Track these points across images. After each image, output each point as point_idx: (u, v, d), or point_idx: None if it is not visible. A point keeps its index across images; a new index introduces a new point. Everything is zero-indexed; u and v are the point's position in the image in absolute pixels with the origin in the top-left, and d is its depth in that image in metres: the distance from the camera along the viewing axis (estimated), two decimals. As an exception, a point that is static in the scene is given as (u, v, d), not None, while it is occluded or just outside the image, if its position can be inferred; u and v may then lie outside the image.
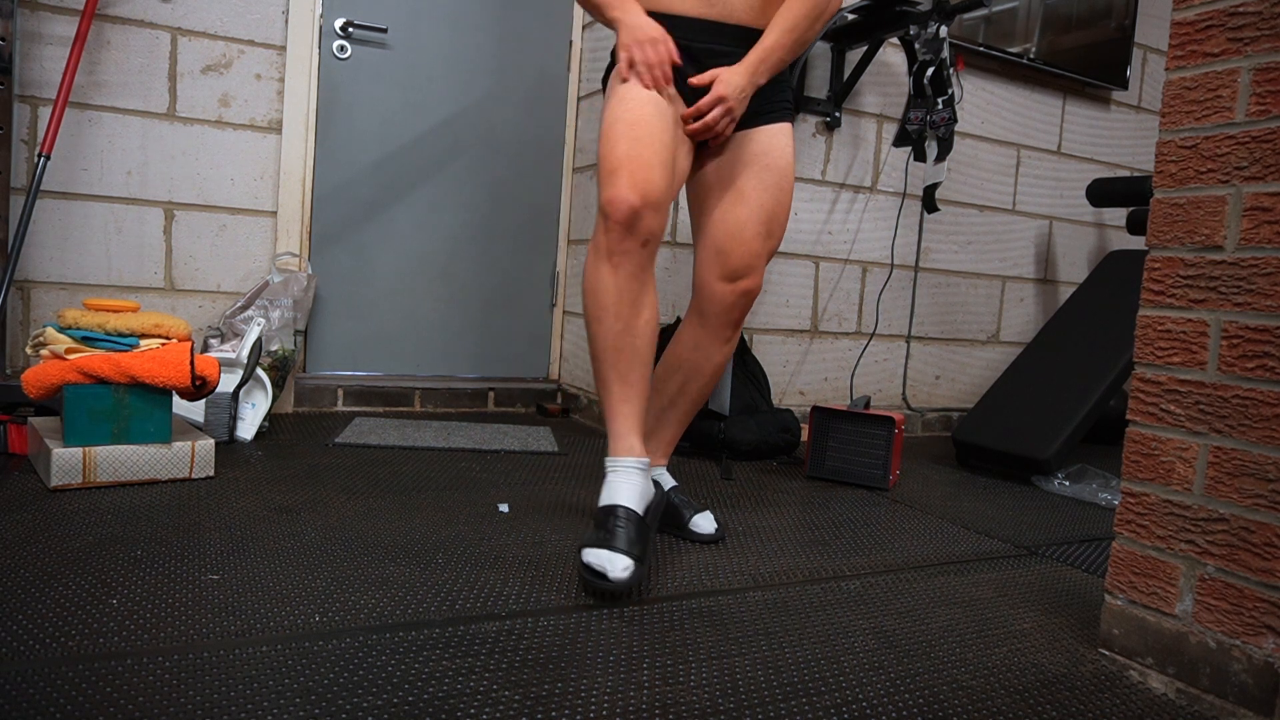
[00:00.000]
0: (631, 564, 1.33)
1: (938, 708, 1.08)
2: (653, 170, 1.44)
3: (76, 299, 2.50)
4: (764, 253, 1.61)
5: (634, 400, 1.48)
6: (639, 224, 1.42)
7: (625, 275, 1.44)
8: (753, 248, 1.60)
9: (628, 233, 1.42)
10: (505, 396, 3.09)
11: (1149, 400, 1.23)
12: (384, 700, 0.99)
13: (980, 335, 3.37)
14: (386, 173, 2.95)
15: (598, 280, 1.46)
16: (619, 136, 1.46)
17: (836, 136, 2.93)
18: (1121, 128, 3.60)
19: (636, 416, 1.49)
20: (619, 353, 1.46)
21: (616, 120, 1.49)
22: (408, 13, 2.91)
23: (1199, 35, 1.19)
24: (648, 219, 1.43)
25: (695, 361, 1.66)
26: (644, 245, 1.44)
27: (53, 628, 1.10)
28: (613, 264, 1.44)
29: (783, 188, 1.62)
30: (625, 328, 1.46)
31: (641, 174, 1.43)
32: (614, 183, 1.43)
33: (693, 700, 1.05)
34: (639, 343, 1.47)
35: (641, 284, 1.46)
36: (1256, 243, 1.12)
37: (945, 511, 2.10)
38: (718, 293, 1.61)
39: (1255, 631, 1.09)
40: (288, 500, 1.75)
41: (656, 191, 1.44)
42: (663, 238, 1.47)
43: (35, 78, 2.39)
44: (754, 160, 1.61)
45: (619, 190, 1.42)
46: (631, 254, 1.43)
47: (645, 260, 1.45)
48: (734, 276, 1.60)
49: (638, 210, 1.41)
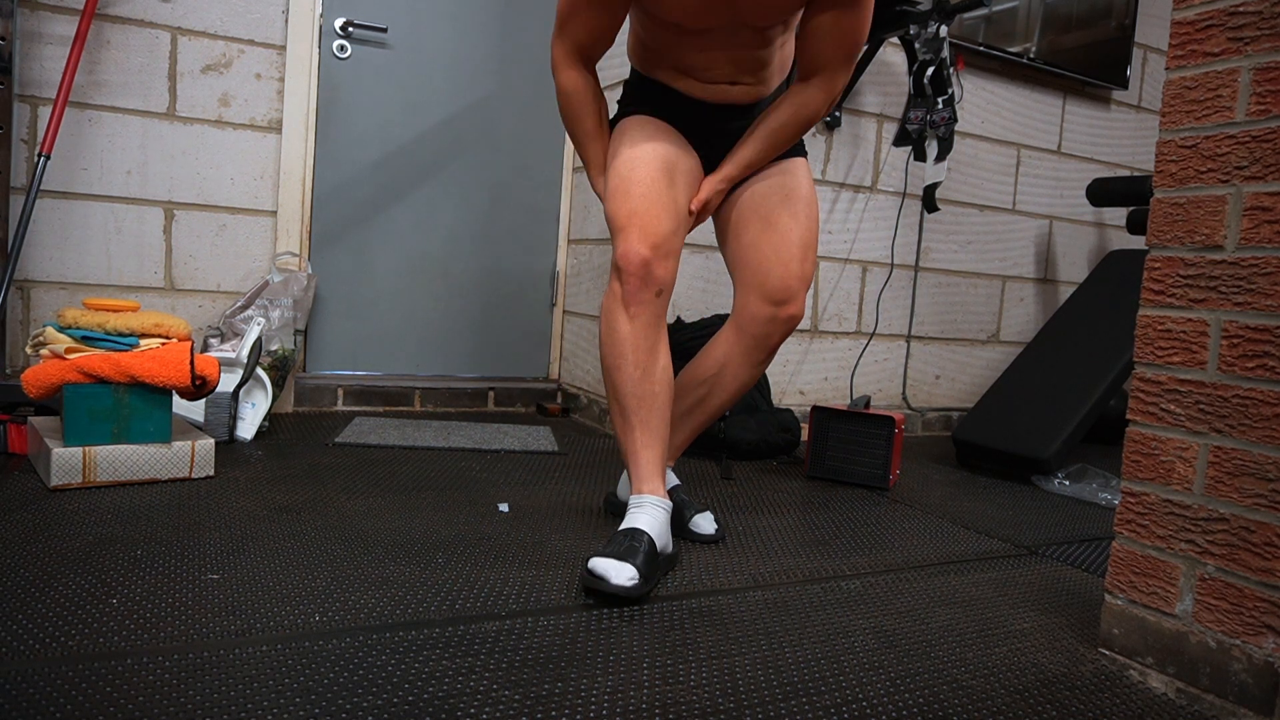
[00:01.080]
0: (638, 577, 1.33)
1: (938, 707, 1.08)
2: (661, 222, 1.52)
3: (76, 299, 2.50)
4: (803, 276, 1.64)
5: (655, 446, 1.52)
6: (652, 274, 1.50)
7: (641, 324, 1.51)
8: (792, 270, 1.62)
9: (643, 284, 1.50)
10: (505, 396, 3.09)
11: (1149, 400, 1.23)
12: (384, 700, 0.99)
13: (980, 335, 3.37)
14: (386, 172, 2.95)
15: (615, 329, 1.52)
16: (626, 194, 1.54)
17: (836, 136, 2.93)
18: (1121, 127, 3.60)
19: (659, 461, 1.53)
20: (640, 400, 1.52)
21: (623, 179, 1.56)
22: (408, 13, 2.91)
23: (1199, 35, 1.19)
24: (659, 269, 1.50)
25: (722, 379, 1.68)
26: (658, 295, 1.52)
27: (53, 627, 1.10)
28: (629, 314, 1.50)
29: (811, 215, 1.67)
30: (644, 375, 1.51)
31: (651, 226, 1.51)
32: (626, 237, 1.50)
33: (693, 700, 1.05)
34: (658, 389, 1.53)
35: (657, 332, 1.53)
36: (1256, 242, 1.12)
37: (945, 511, 2.10)
38: (761, 315, 1.63)
39: (1255, 631, 1.09)
40: (288, 500, 1.75)
41: (666, 241, 1.52)
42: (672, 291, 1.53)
43: (35, 77, 2.39)
44: (779, 191, 1.66)
45: (631, 244, 1.50)
46: (648, 304, 1.51)
47: (660, 310, 1.53)
48: (777, 300, 1.63)
49: (649, 261, 1.49)
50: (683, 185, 1.59)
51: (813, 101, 1.58)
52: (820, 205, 2.92)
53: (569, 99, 1.61)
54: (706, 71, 1.60)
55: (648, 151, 1.57)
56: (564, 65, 1.59)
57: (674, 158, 1.59)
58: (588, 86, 1.62)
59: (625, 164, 1.57)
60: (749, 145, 1.62)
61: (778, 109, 1.60)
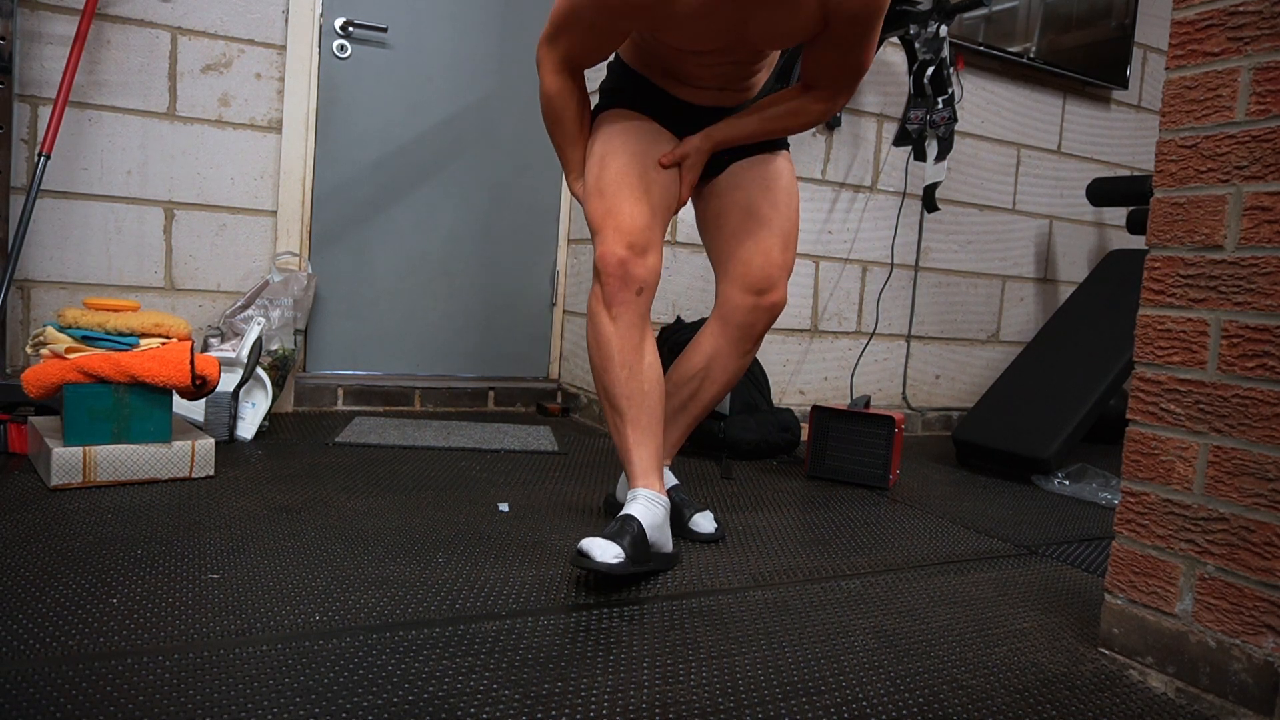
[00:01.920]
0: (623, 556, 1.33)
1: (937, 707, 1.08)
2: (635, 216, 1.52)
3: (76, 298, 2.50)
4: (785, 265, 1.66)
5: (649, 443, 1.53)
6: (631, 274, 1.50)
7: (625, 324, 1.51)
8: (773, 259, 1.64)
9: (623, 284, 1.50)
10: (505, 396, 3.09)
11: (1149, 399, 1.23)
12: (384, 700, 0.99)
13: (980, 335, 3.37)
14: (386, 172, 2.95)
15: (600, 331, 1.52)
16: (600, 193, 1.54)
17: (836, 136, 2.93)
18: (1121, 127, 3.60)
19: (654, 458, 1.53)
20: (629, 399, 1.52)
21: (597, 177, 1.56)
22: (408, 12, 2.91)
23: (1199, 35, 1.19)
24: (636, 268, 1.51)
25: (711, 371, 1.69)
26: (639, 294, 1.52)
27: (53, 627, 1.10)
28: (612, 315, 1.51)
29: (792, 206, 1.68)
30: (631, 374, 1.52)
31: (625, 223, 1.51)
32: (602, 238, 1.51)
33: (693, 700, 1.05)
34: (647, 386, 1.53)
35: (641, 331, 1.53)
36: (1256, 242, 1.12)
37: (945, 511, 2.10)
38: (744, 305, 1.64)
39: (1255, 631, 1.09)
40: (288, 499, 1.75)
41: (642, 235, 1.52)
42: (656, 285, 1.54)
43: (35, 77, 2.39)
44: (761, 182, 1.67)
45: (608, 245, 1.50)
46: (629, 303, 1.51)
47: (643, 308, 1.53)
48: (759, 289, 1.64)
49: (625, 261, 1.50)
50: (657, 175, 1.59)
51: (811, 110, 1.59)
52: (820, 205, 2.93)
53: (551, 101, 1.59)
54: (699, 80, 1.60)
55: (620, 146, 1.57)
56: (550, 70, 1.56)
57: (649, 149, 1.59)
58: (572, 91, 1.58)
59: (598, 162, 1.57)
60: (740, 118, 1.61)
61: (777, 102, 1.60)
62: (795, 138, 2.84)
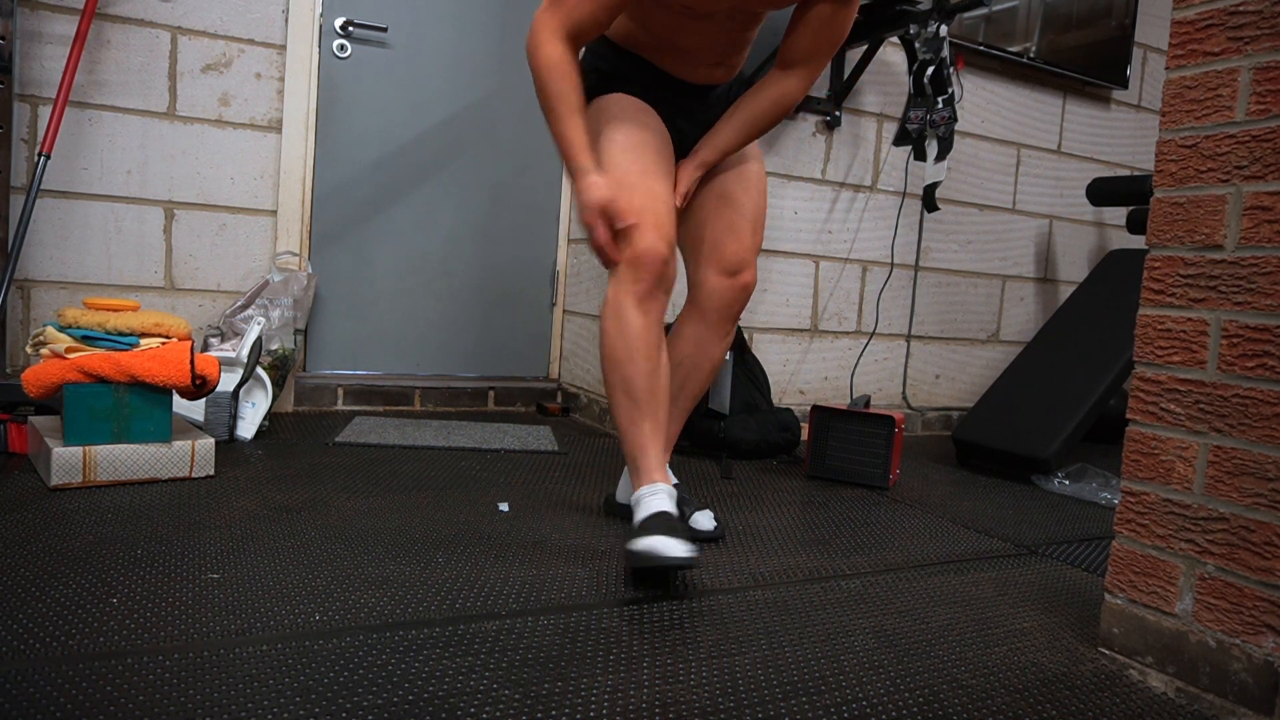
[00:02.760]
0: (692, 545, 1.34)
1: (937, 707, 1.08)
2: (670, 218, 1.52)
3: (76, 298, 2.50)
4: (755, 247, 1.70)
5: (662, 439, 1.55)
6: (667, 274, 1.51)
7: (653, 321, 1.52)
8: (745, 242, 1.67)
9: (658, 282, 1.50)
10: (505, 395, 3.09)
11: (1149, 399, 1.23)
12: (384, 699, 0.99)
13: (980, 334, 3.37)
14: (386, 172, 2.95)
15: (628, 325, 1.50)
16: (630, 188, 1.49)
17: (836, 136, 2.93)
18: (1121, 127, 3.60)
19: (665, 455, 1.56)
20: (651, 394, 1.52)
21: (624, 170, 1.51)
22: (408, 12, 2.91)
23: (1199, 34, 1.19)
24: (672, 267, 1.51)
25: (695, 358, 1.70)
26: (667, 293, 1.53)
27: (53, 627, 1.10)
28: (643, 310, 1.50)
29: (761, 190, 1.72)
30: (653, 369, 1.52)
31: (664, 221, 1.50)
32: (642, 235, 1.47)
33: (693, 700, 1.05)
34: (664, 383, 1.55)
35: (661, 329, 1.55)
36: (1256, 242, 1.12)
37: (945, 511, 2.10)
38: (719, 288, 1.66)
39: (1255, 630, 1.09)
40: (288, 499, 1.75)
41: (673, 236, 1.53)
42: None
43: (35, 77, 2.39)
44: (734, 169, 1.70)
45: (649, 242, 1.47)
46: (660, 301, 1.52)
47: (666, 307, 1.55)
48: (732, 271, 1.66)
49: (669, 260, 1.50)
50: (670, 173, 1.61)
51: (793, 90, 1.62)
52: (820, 205, 2.93)
53: (552, 73, 1.47)
54: (697, 54, 1.61)
55: (640, 140, 1.57)
56: (550, 39, 1.47)
57: (661, 144, 1.60)
58: (572, 63, 1.50)
59: (621, 151, 1.54)
60: (725, 131, 1.64)
61: (755, 97, 1.62)
62: (795, 138, 2.84)
